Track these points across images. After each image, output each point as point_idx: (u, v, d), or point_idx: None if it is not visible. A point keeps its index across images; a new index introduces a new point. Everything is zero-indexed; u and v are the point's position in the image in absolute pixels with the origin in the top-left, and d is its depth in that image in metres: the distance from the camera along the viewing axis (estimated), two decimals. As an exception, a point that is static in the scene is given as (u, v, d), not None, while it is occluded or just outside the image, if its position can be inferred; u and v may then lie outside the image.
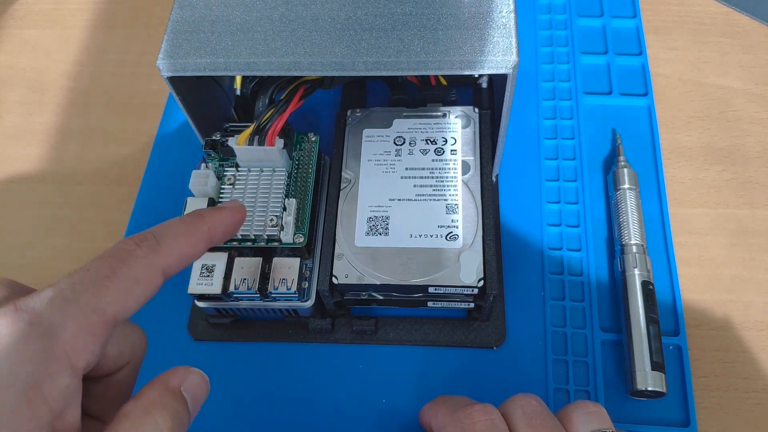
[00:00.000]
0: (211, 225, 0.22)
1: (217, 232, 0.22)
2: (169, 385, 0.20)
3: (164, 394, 0.20)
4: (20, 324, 0.17)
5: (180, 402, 0.20)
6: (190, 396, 0.21)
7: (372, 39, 0.28)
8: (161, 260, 0.20)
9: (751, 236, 0.37)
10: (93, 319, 0.18)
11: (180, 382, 0.20)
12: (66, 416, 0.18)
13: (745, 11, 0.44)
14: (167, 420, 0.19)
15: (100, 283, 0.18)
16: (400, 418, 0.32)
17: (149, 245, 0.20)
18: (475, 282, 0.29)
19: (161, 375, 0.20)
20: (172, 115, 0.43)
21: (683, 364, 0.32)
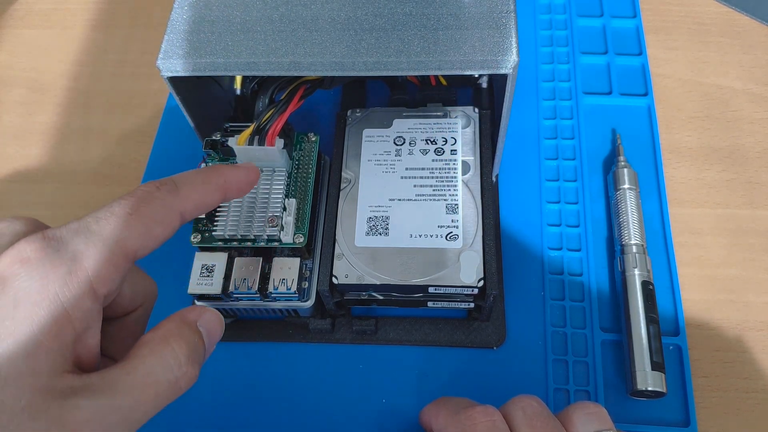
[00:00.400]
0: (228, 178, 0.23)
1: (232, 187, 0.23)
2: (186, 319, 0.21)
3: (181, 326, 0.21)
4: (48, 249, 0.19)
5: (196, 335, 0.21)
6: (206, 331, 0.22)
7: (372, 39, 0.28)
8: (179, 204, 0.21)
9: (751, 236, 0.37)
10: (115, 250, 0.19)
11: (196, 318, 0.22)
12: (87, 338, 0.19)
13: (745, 11, 0.44)
14: (183, 348, 0.20)
15: (123, 219, 0.20)
16: (400, 418, 0.32)
17: (168, 189, 0.21)
18: (475, 282, 0.29)
19: (179, 311, 0.22)
20: (172, 115, 0.43)
21: (683, 364, 0.32)
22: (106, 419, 0.18)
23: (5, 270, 0.18)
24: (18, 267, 0.18)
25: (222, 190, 0.23)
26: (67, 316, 0.18)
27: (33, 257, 0.18)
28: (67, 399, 0.18)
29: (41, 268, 0.18)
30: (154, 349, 0.20)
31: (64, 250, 0.19)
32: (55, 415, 0.17)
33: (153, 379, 0.19)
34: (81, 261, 0.19)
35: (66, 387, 0.18)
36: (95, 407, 0.18)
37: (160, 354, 0.20)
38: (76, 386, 0.18)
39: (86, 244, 0.19)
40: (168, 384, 0.20)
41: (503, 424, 0.25)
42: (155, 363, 0.20)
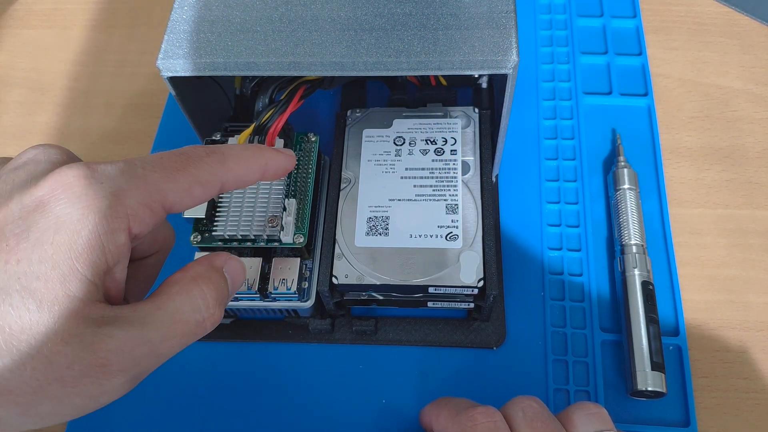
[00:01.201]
0: (269, 160, 0.24)
1: (270, 169, 0.24)
2: (214, 263, 0.22)
3: (210, 269, 0.22)
4: (92, 179, 0.19)
5: (222, 277, 0.22)
6: (230, 277, 0.22)
7: (372, 39, 0.28)
8: (223, 174, 0.22)
9: (751, 236, 0.37)
10: (155, 197, 0.20)
11: (223, 263, 0.22)
12: (115, 272, 0.19)
13: (745, 11, 0.44)
14: (212, 291, 0.21)
15: (170, 171, 0.20)
16: (400, 418, 0.32)
17: (217, 158, 0.22)
18: (475, 282, 0.29)
19: (206, 255, 0.23)
20: (172, 115, 0.43)
21: (683, 364, 0.32)
22: (135, 350, 0.19)
23: (48, 194, 0.18)
24: (60, 192, 0.18)
25: (262, 170, 0.23)
26: (103, 248, 0.18)
27: (76, 184, 0.18)
28: (99, 327, 0.18)
29: (84, 197, 0.18)
30: (184, 287, 0.20)
31: (108, 184, 0.19)
32: (87, 341, 0.18)
33: (182, 316, 0.20)
34: (122, 198, 0.19)
35: (99, 315, 0.18)
36: (126, 337, 0.18)
37: (189, 294, 0.20)
38: (109, 316, 0.18)
39: (130, 184, 0.19)
40: (195, 323, 0.20)
41: (504, 425, 0.25)
42: (185, 301, 0.20)
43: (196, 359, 0.34)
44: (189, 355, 0.34)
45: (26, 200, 0.18)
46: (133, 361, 0.19)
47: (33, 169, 0.20)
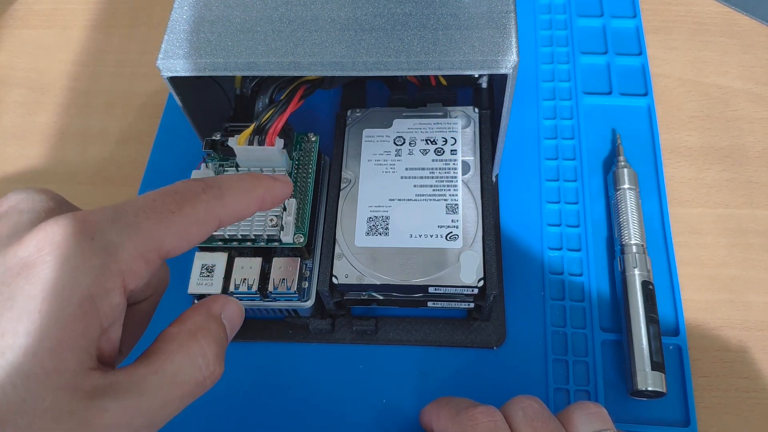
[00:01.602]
0: (266, 190, 0.22)
1: (267, 198, 0.23)
2: (212, 311, 0.20)
3: (208, 319, 0.20)
4: (81, 236, 0.17)
5: (222, 328, 0.20)
6: (228, 323, 0.21)
7: (372, 39, 0.28)
8: (221, 210, 0.20)
9: (751, 236, 0.37)
10: (150, 246, 0.18)
11: (221, 309, 0.21)
12: (110, 333, 0.18)
13: (745, 11, 0.44)
14: (212, 346, 0.19)
15: (165, 215, 0.19)
16: (400, 418, 0.32)
17: (214, 194, 0.20)
18: (475, 282, 0.29)
19: (203, 301, 0.21)
20: (172, 115, 0.43)
21: (683, 364, 0.32)
22: (132, 422, 0.17)
23: (33, 254, 0.17)
24: (47, 252, 0.16)
25: (260, 200, 0.22)
26: (97, 312, 0.17)
27: (64, 242, 0.17)
28: (93, 400, 0.17)
29: (73, 257, 0.17)
30: (183, 345, 0.19)
31: (99, 239, 0.17)
32: (80, 417, 0.16)
33: (181, 378, 0.18)
34: (116, 253, 0.17)
35: (92, 387, 0.17)
36: (122, 409, 0.17)
37: (188, 351, 0.19)
38: (103, 385, 0.17)
39: (122, 236, 0.18)
40: (195, 383, 0.19)
41: (504, 424, 0.25)
42: (183, 361, 0.18)
43: (196, 359, 0.34)
44: (189, 355, 0.34)
45: (9, 261, 0.17)
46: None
47: (16, 221, 0.18)
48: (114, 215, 0.18)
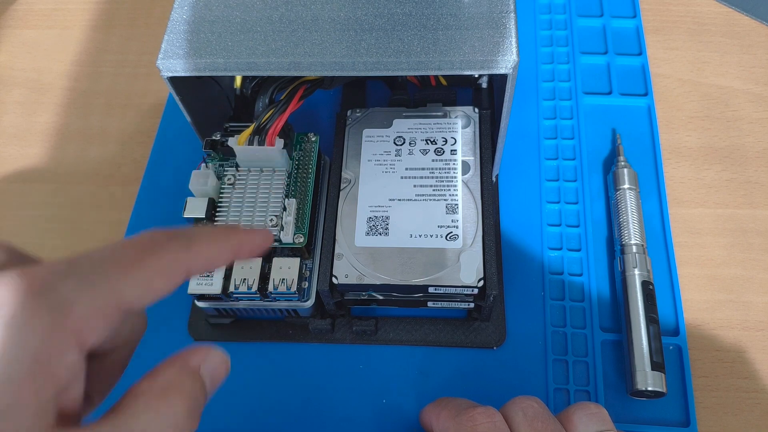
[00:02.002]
0: (241, 240, 0.21)
1: (244, 249, 0.22)
2: (188, 366, 0.19)
3: (182, 374, 0.19)
4: (29, 293, 0.16)
5: (197, 384, 0.19)
6: (209, 377, 0.19)
7: (372, 39, 0.28)
8: (188, 260, 0.19)
9: (751, 236, 0.37)
10: (110, 302, 0.17)
11: (199, 362, 0.19)
12: (69, 392, 0.17)
13: (745, 11, 0.44)
14: (184, 404, 0.18)
15: (125, 267, 0.17)
16: (400, 418, 0.32)
17: (181, 244, 0.19)
18: (475, 282, 0.29)
19: (180, 353, 0.19)
20: (172, 115, 0.43)
21: (683, 364, 0.32)
22: None
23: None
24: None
25: (234, 252, 0.21)
26: (50, 372, 0.16)
27: (12, 301, 0.15)
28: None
29: (22, 316, 0.15)
30: (150, 404, 0.17)
31: (50, 296, 0.16)
32: None
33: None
34: (69, 311, 0.16)
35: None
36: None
37: (156, 411, 0.17)
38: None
39: (76, 291, 0.16)
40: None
41: (504, 425, 0.25)
42: (150, 422, 0.17)
43: (196, 359, 0.34)
44: (189, 355, 0.34)
45: None
46: None
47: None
48: (68, 269, 0.17)
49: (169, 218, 0.37)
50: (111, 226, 0.39)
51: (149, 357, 0.36)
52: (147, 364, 0.35)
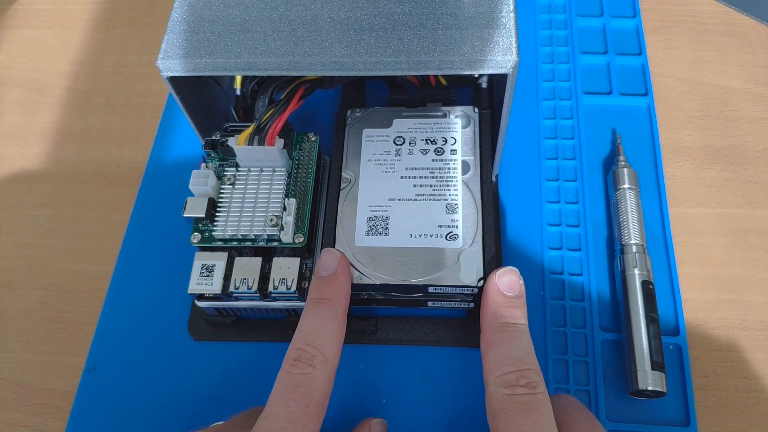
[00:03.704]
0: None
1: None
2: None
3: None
4: None
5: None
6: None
7: (372, 39, 0.28)
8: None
9: (751, 236, 0.37)
10: None
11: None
12: None
13: (745, 11, 0.44)
14: None
15: None
16: (400, 418, 0.32)
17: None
18: (475, 282, 0.29)
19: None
20: (172, 115, 0.43)
21: (683, 364, 0.32)
22: None
23: None
24: None
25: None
26: None
27: None
28: None
29: None
30: None
31: None
32: None
33: None
34: None
35: None
36: None
37: None
38: None
39: None
40: None
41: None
42: None
43: (195, 359, 0.34)
44: (189, 355, 0.34)
45: None
46: None
47: None
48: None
49: (169, 218, 0.37)
50: (111, 226, 0.39)
51: (151, 357, 0.36)
52: (148, 364, 0.35)
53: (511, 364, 0.25)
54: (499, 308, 0.28)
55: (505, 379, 0.25)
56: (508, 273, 0.28)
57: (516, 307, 0.28)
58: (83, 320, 0.37)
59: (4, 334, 0.37)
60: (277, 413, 0.24)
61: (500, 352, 0.26)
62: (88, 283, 0.38)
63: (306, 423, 0.24)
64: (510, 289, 0.28)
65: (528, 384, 0.25)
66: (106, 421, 0.33)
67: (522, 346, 0.26)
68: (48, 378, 0.35)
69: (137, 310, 0.36)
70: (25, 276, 0.39)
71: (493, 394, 0.25)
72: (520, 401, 0.24)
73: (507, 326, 0.27)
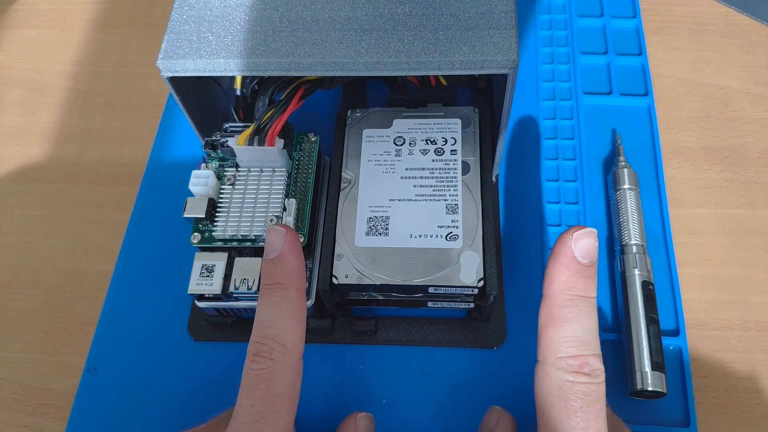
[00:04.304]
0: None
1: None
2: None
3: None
4: None
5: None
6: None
7: (372, 39, 0.28)
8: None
9: (751, 236, 0.37)
10: None
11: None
12: None
13: (745, 11, 0.44)
14: None
15: None
16: (400, 418, 0.32)
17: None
18: (475, 282, 0.29)
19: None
20: (172, 115, 0.43)
21: (683, 364, 0.32)
22: None
23: None
24: None
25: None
26: None
27: None
28: None
29: None
30: None
31: None
32: None
33: None
34: None
35: None
36: None
37: None
38: None
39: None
40: None
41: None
42: None
43: (196, 359, 0.34)
44: (189, 355, 0.34)
45: None
46: None
47: None
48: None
49: (169, 218, 0.37)
50: (111, 226, 0.39)
51: (151, 357, 0.36)
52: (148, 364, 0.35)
53: (577, 346, 0.23)
54: (572, 277, 0.24)
55: (568, 363, 0.23)
56: (586, 236, 0.24)
57: (590, 277, 0.24)
58: (83, 320, 0.37)
59: (4, 334, 0.37)
60: (244, 414, 0.24)
61: (568, 330, 0.24)
62: (88, 283, 0.38)
63: (276, 420, 0.23)
64: (586, 255, 0.24)
65: (592, 372, 0.23)
66: (106, 421, 0.33)
67: (590, 326, 0.24)
68: (48, 378, 0.35)
69: (137, 310, 0.36)
70: (25, 276, 0.39)
71: (552, 376, 0.24)
72: (583, 391, 0.23)
73: (578, 300, 0.24)
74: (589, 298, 0.24)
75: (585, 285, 0.24)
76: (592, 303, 0.24)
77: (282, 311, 0.25)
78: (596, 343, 0.24)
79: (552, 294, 0.25)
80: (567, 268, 0.24)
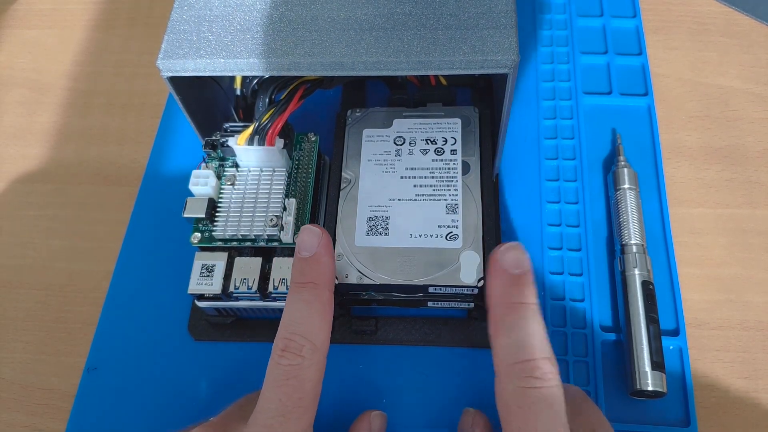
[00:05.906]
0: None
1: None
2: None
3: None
4: None
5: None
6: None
7: (372, 39, 0.28)
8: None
9: (751, 236, 0.37)
10: None
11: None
12: None
13: (745, 11, 0.44)
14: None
15: None
16: (400, 418, 0.32)
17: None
18: (475, 282, 0.29)
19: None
20: (172, 115, 0.43)
21: (683, 364, 0.32)
22: None
23: None
24: None
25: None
26: None
27: None
28: None
29: None
30: None
31: None
32: None
33: None
34: None
35: None
36: None
37: None
38: None
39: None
40: None
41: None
42: None
43: (196, 359, 0.34)
44: (189, 355, 0.34)
45: None
46: None
47: None
48: None
49: (169, 218, 0.37)
50: (111, 226, 0.39)
51: (151, 357, 0.36)
52: (148, 364, 0.35)
53: (524, 351, 0.24)
54: (506, 287, 0.25)
55: (518, 369, 0.23)
56: (511, 249, 0.25)
57: (524, 285, 0.25)
58: (83, 320, 0.37)
59: (4, 334, 0.37)
60: (270, 408, 0.24)
61: (512, 337, 0.24)
62: (88, 283, 0.38)
63: (301, 415, 0.24)
64: (517, 266, 0.25)
65: (543, 375, 0.23)
66: (106, 421, 0.33)
67: (534, 330, 0.24)
68: (48, 378, 0.36)
69: (137, 310, 0.36)
70: (26, 276, 0.39)
71: (505, 385, 0.24)
72: (537, 396, 0.23)
73: (516, 307, 0.24)
74: (529, 304, 0.25)
75: (521, 292, 0.25)
76: (533, 308, 0.25)
77: (313, 310, 0.25)
78: (544, 346, 0.24)
79: (492, 307, 0.25)
80: (500, 280, 0.25)
